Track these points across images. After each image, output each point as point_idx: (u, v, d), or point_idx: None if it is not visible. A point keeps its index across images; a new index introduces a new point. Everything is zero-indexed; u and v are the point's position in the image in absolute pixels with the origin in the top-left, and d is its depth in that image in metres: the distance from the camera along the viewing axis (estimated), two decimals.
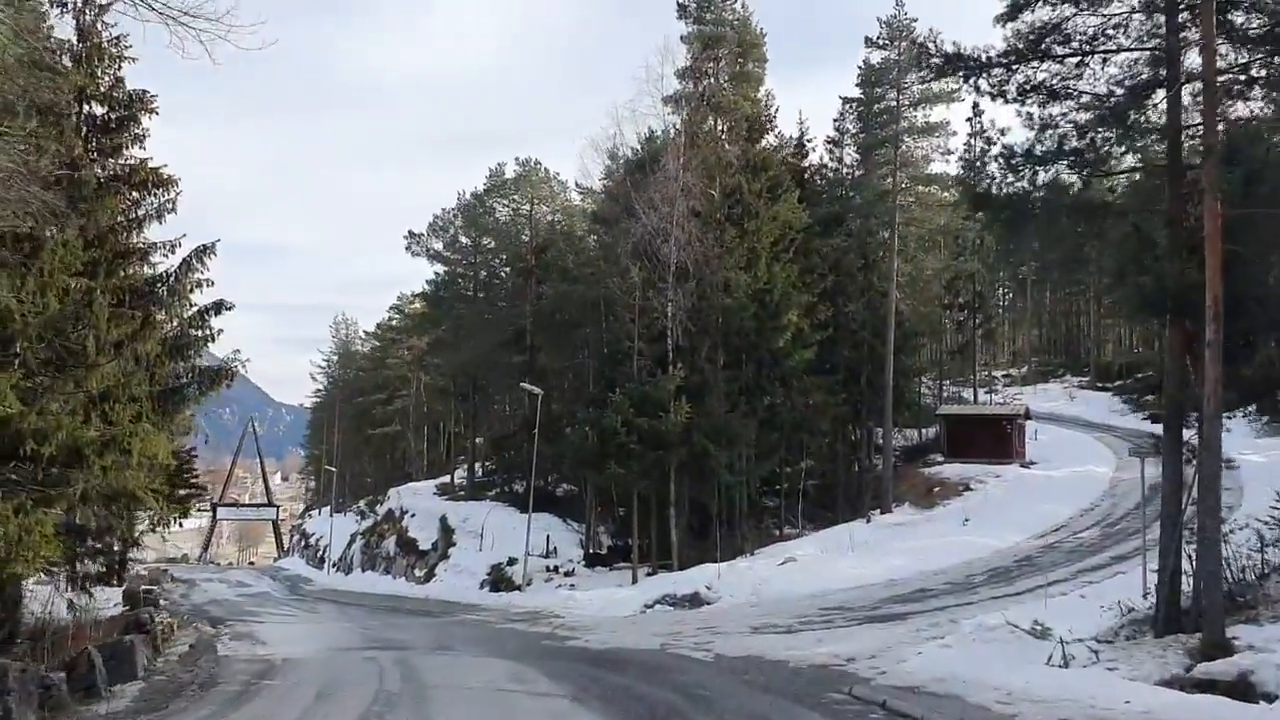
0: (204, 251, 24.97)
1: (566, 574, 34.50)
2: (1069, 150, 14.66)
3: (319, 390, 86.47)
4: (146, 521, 59.31)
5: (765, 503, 42.07)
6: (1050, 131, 14.78)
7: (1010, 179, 15.52)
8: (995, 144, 15.79)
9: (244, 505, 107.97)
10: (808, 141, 47.22)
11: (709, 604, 23.61)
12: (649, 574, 32.21)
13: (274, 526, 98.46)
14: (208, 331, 25.40)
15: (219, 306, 25.76)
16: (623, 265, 31.74)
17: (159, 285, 24.99)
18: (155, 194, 24.40)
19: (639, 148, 36.22)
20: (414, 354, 60.31)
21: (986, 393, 58.45)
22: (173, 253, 24.85)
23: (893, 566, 26.52)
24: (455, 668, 15.36)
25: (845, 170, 48.63)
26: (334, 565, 58.40)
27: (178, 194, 24.71)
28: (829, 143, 48.53)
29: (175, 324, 25.26)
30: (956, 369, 63.39)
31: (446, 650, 18.13)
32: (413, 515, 49.10)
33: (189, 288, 25.28)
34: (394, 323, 62.04)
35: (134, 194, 24.17)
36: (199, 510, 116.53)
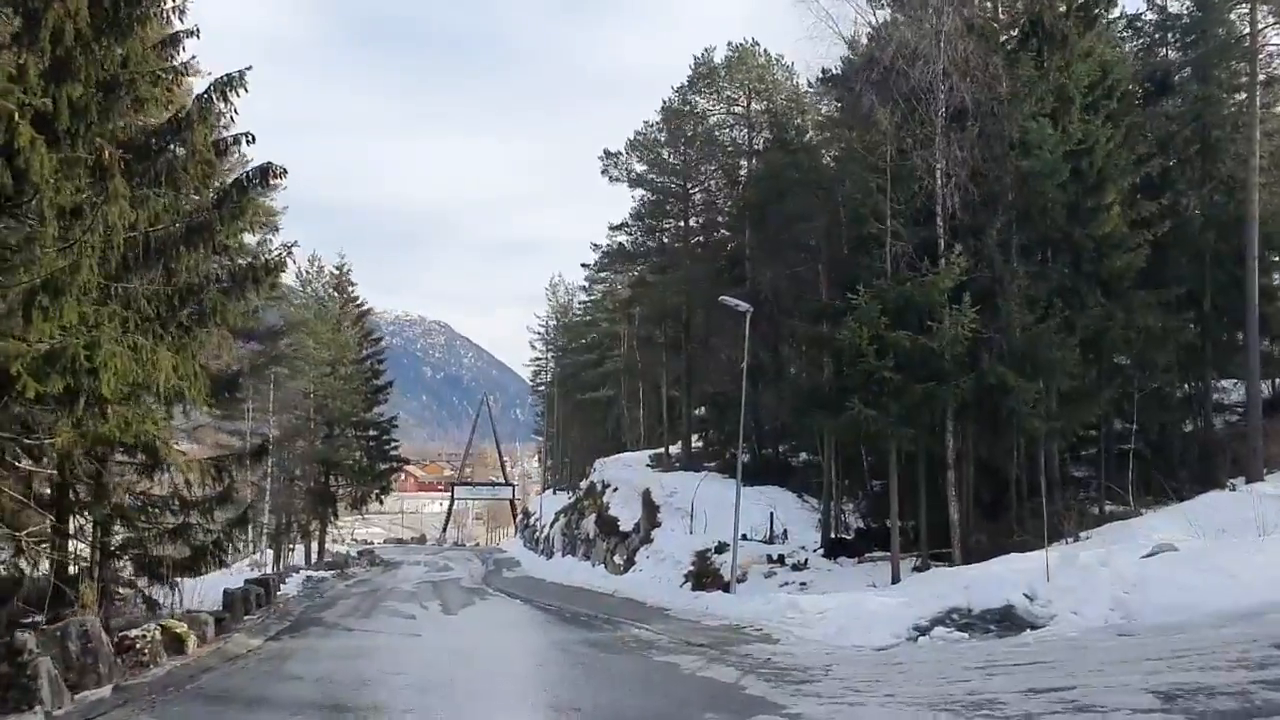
0: (228, 85, 16.69)
1: (796, 567, 24.50)
2: None
3: (537, 359, 79.68)
4: (346, 500, 53.60)
5: (1069, 470, 30.61)
6: None
7: None
8: None
9: (480, 484, 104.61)
10: None
11: (1035, 626, 13.09)
12: (916, 569, 21.95)
13: (511, 506, 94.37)
14: (244, 207, 17.27)
15: (264, 174, 17.65)
16: (864, 108, 21.39)
17: (166, 137, 17.12)
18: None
19: None
20: (618, 302, 51.86)
21: None
22: (174, 87, 16.87)
23: None
24: None
25: (1170, 20, 35.66)
26: (539, 547, 51.14)
27: None
28: None
29: (192, 196, 17.36)
30: None
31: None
32: (615, 490, 40.46)
33: (211, 144, 17.28)
34: (601, 271, 53.44)
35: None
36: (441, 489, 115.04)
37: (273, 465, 48.78)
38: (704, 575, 25.94)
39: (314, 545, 52.92)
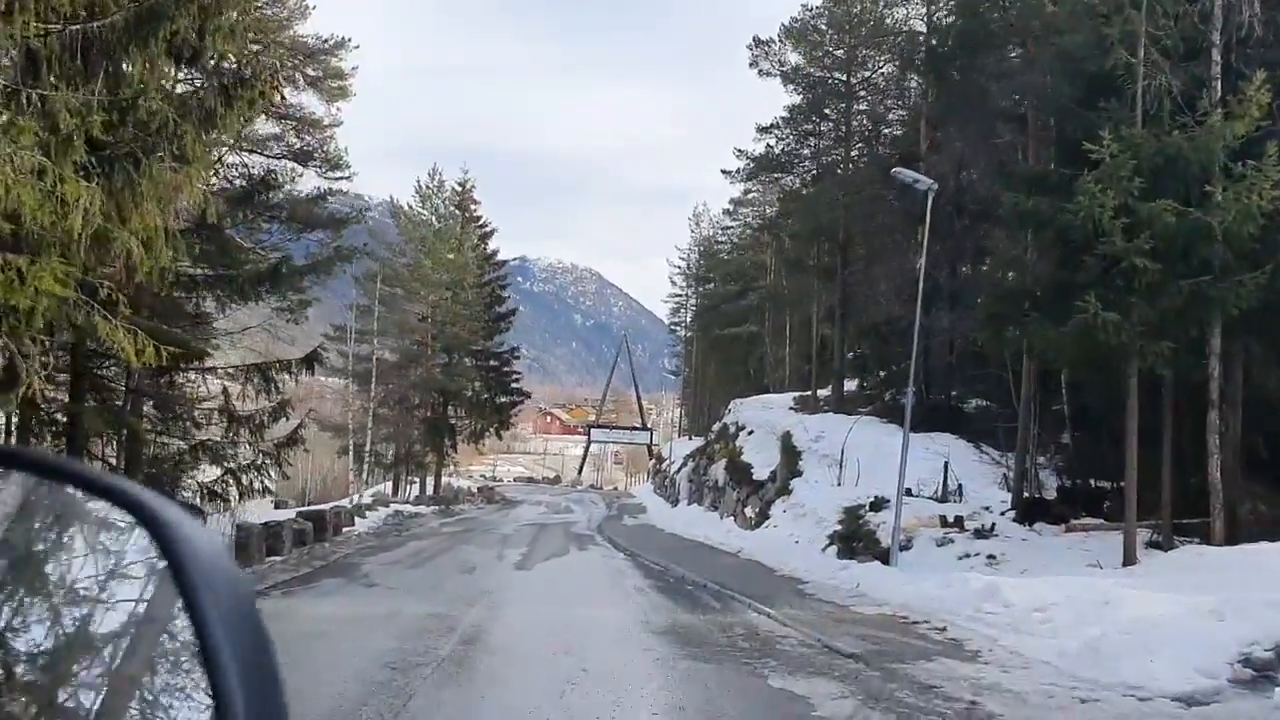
0: None
1: (980, 533, 18.41)
2: None
3: (675, 295, 74.03)
4: (465, 432, 49.53)
5: None
6: None
7: None
8: None
9: (617, 428, 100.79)
10: None
11: None
12: (1152, 544, 15.79)
13: (648, 451, 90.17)
14: None
15: None
16: None
17: None
18: None
19: None
20: (764, 221, 45.67)
21: None
22: None
23: None
24: None
25: None
26: (667, 494, 46.31)
27: None
28: None
29: None
30: None
31: None
32: (750, 432, 34.86)
33: None
34: (748, 179, 47.05)
35: None
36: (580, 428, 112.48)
37: (384, 391, 45.42)
38: (854, 538, 20.17)
39: (429, 478, 49.47)
